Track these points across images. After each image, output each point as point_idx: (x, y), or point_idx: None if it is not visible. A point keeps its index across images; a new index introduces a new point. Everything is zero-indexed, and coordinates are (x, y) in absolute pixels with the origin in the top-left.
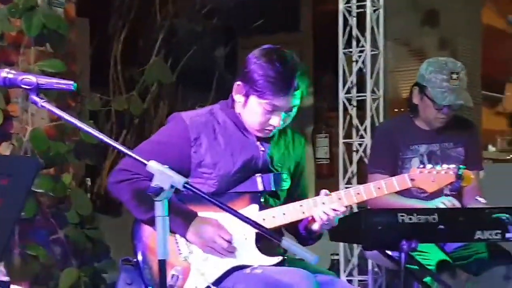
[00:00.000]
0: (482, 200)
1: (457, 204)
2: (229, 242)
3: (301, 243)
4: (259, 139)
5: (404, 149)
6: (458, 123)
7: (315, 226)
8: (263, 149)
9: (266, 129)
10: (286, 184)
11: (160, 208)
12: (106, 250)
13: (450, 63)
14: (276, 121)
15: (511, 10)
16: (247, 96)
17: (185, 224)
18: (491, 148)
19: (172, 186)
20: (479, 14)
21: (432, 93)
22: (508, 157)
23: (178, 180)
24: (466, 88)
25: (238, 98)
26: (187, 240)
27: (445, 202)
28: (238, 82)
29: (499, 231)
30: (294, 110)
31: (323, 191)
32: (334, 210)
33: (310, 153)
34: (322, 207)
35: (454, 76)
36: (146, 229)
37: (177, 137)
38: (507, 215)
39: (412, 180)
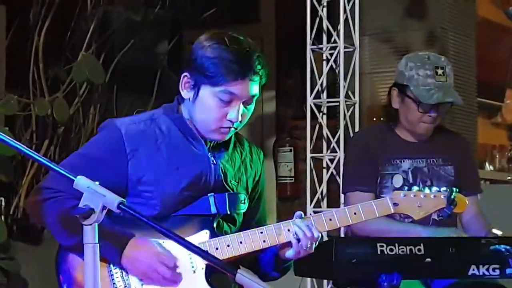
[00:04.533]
0: (498, 232)
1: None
2: (173, 269)
3: (262, 278)
4: (210, 149)
5: (384, 163)
6: (447, 137)
7: (289, 253)
8: (214, 162)
9: (223, 128)
10: (243, 207)
11: (90, 234)
12: (24, 285)
13: (432, 57)
14: (234, 114)
15: (510, 1)
16: (197, 88)
17: (118, 249)
18: (488, 167)
19: (104, 207)
20: (474, 5)
21: (415, 92)
22: (508, 178)
23: (112, 199)
24: (453, 87)
25: (186, 94)
26: (121, 269)
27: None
28: (185, 73)
29: (498, 266)
30: (253, 103)
31: (298, 213)
32: (305, 234)
33: (270, 170)
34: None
35: (439, 71)
36: (74, 259)
37: (110, 149)
38: (508, 247)
39: (395, 204)
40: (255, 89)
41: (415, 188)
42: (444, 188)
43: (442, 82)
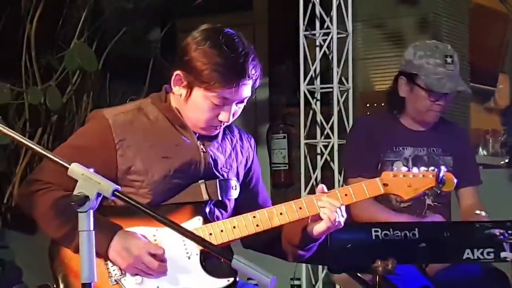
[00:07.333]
0: (483, 213)
1: None
2: (161, 260)
3: (282, 256)
4: (199, 137)
5: (386, 150)
6: (449, 128)
7: (320, 227)
8: (204, 150)
9: (213, 126)
10: (235, 193)
11: (85, 221)
12: (18, 274)
13: (440, 45)
14: (225, 116)
15: None
16: (189, 88)
17: (106, 240)
18: (481, 152)
19: (99, 194)
20: None
21: (427, 81)
22: (502, 162)
23: (107, 187)
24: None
25: (178, 90)
26: (108, 260)
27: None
28: (177, 72)
29: (492, 250)
30: (245, 102)
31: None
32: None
33: (264, 157)
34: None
35: (449, 60)
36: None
37: (98, 139)
38: (502, 230)
39: (385, 185)
40: (247, 91)
41: (404, 168)
42: (432, 168)
43: (452, 70)
